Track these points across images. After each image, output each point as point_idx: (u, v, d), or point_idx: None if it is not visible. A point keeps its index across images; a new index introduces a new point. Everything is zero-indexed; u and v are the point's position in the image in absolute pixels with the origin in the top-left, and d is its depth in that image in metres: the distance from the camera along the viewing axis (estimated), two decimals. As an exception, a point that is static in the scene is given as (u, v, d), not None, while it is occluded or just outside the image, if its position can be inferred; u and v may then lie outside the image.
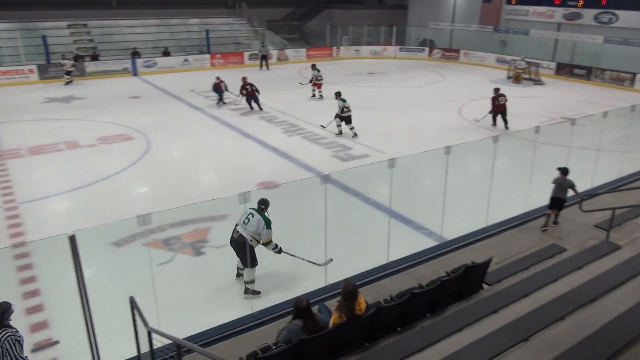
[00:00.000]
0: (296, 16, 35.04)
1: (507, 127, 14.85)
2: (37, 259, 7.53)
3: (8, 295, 6.62)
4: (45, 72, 22.05)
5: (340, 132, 14.18)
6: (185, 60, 25.57)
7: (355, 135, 14.04)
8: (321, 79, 19.07)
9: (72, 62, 21.76)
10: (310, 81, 19.14)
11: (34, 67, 21.98)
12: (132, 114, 16.56)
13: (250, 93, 17.14)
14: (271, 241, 6.53)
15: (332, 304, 5.05)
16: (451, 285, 5.49)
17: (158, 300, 5.45)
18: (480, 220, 8.39)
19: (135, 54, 25.05)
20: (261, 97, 17.20)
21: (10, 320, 4.38)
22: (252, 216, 6.41)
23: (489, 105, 15.10)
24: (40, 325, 6.16)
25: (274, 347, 4.58)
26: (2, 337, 4.19)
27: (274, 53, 27.84)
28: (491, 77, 24.01)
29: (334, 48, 30.65)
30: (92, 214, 9.25)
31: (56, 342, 5.74)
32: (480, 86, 21.44)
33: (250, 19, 31.33)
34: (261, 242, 6.47)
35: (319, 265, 6.77)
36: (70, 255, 4.61)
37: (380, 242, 7.32)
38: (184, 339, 4.60)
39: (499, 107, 14.92)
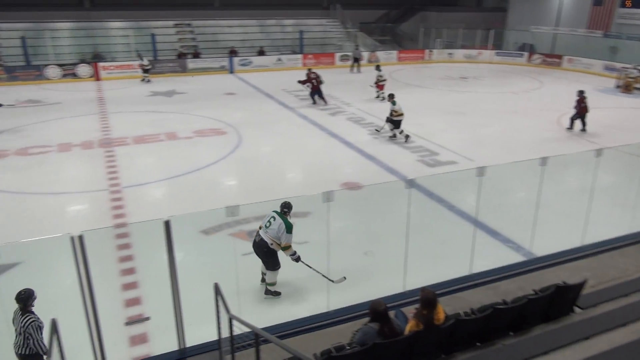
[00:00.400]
0: (390, 18, 34.81)
1: (584, 130, 14.53)
2: (135, 239, 8.14)
3: (107, 271, 7.25)
4: (153, 67, 23.78)
5: (394, 136, 13.93)
6: (279, 59, 26.37)
7: (407, 137, 13.72)
8: (383, 80, 19.07)
9: (148, 60, 22.99)
10: (377, 83, 19.10)
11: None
12: (227, 109, 17.37)
13: (315, 87, 17.53)
14: (290, 246, 6.40)
15: (410, 310, 4.96)
16: (539, 305, 5.17)
17: (240, 288, 5.67)
18: (575, 239, 7.81)
19: (232, 53, 26.24)
20: (349, 98, 17.30)
21: (33, 306, 4.56)
22: (274, 219, 6.28)
23: (594, 115, 14.07)
24: (134, 301, 6.66)
25: (348, 347, 4.59)
26: (26, 322, 4.40)
27: (364, 55, 27.88)
28: (597, 85, 22.26)
29: (426, 51, 30.07)
30: (185, 201, 9.84)
31: (147, 319, 6.17)
32: (584, 95, 19.98)
33: (344, 21, 31.60)
34: (280, 246, 6.36)
35: (332, 282, 6.58)
36: (165, 238, 4.93)
37: (463, 252, 7.07)
38: (261, 329, 4.75)
39: (582, 110, 14.48)
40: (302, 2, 31.85)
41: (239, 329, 4.52)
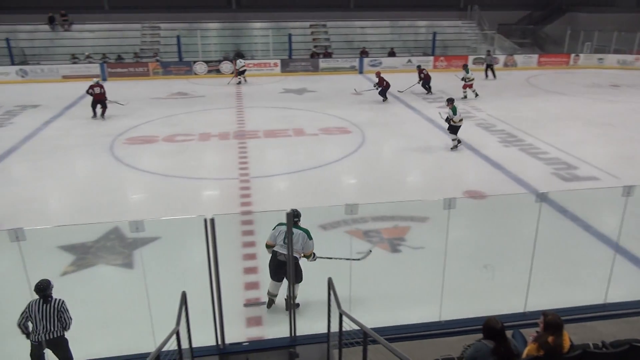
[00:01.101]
0: (532, 19, 32.53)
1: None
2: (259, 227, 8.65)
3: (231, 255, 7.79)
4: (287, 66, 24.98)
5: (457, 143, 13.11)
6: (409, 61, 26.06)
7: (454, 147, 12.99)
8: (471, 80, 18.64)
9: (244, 62, 23.46)
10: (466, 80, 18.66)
11: (278, 62, 25.12)
12: (353, 109, 17.63)
13: (385, 86, 18.57)
14: (313, 253, 6.24)
15: (530, 333, 4.62)
16: (688, 349, 4.49)
17: (352, 286, 5.74)
18: None
19: (363, 53, 26.54)
20: (482, 104, 16.61)
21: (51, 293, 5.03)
22: (293, 234, 5.74)
23: None
24: (253, 285, 7.08)
25: (457, 361, 4.42)
26: (58, 305, 4.97)
27: (501, 58, 26.40)
28: None
29: (572, 56, 27.57)
30: (307, 195, 10.21)
31: (263, 303, 6.52)
32: None
33: (481, 22, 30.24)
34: (303, 254, 6.16)
35: (358, 259, 6.32)
36: (286, 229, 5.15)
37: (597, 278, 6.39)
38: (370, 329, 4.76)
39: None
40: (437, 3, 31.11)
41: (348, 326, 4.58)
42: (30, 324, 4.97)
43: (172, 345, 4.45)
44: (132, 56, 24.95)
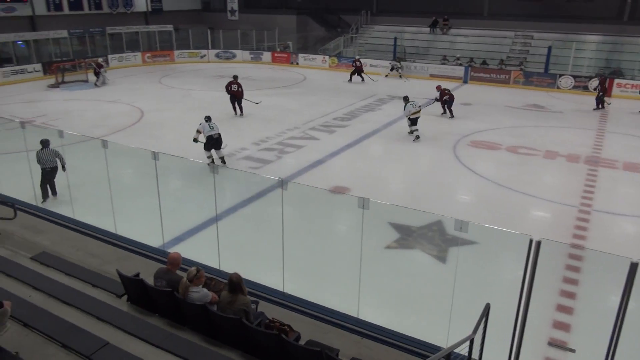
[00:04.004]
0: None
1: None
2: (587, 266, 7.64)
3: (548, 285, 7.14)
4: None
5: None
6: None
7: None
8: None
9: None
10: None
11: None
12: None
13: (449, 98, 17.00)
14: None
15: None
16: None
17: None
18: None
19: None
20: None
21: None
22: None
23: None
24: (562, 326, 6.36)
25: None
26: (56, 151, 7.93)
27: None
28: None
29: None
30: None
31: (572, 350, 5.80)
32: None
33: None
34: None
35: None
36: (624, 281, 4.39)
37: None
38: None
39: None
40: None
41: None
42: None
43: (462, 349, 4.47)
44: (496, 63, 25.23)
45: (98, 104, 18.82)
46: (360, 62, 24.51)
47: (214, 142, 11.61)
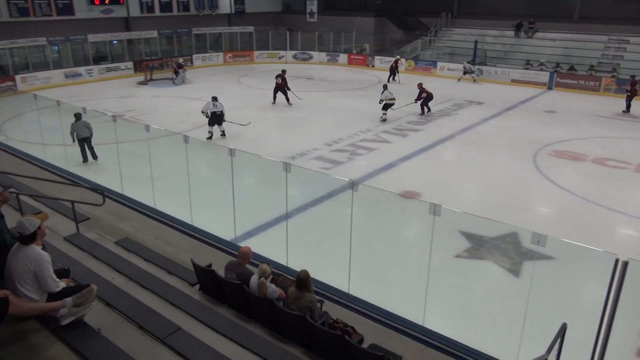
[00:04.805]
0: None
1: None
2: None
3: (635, 311, 6.59)
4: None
5: None
6: None
7: None
8: None
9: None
10: None
11: None
12: None
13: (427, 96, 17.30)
14: None
15: None
16: None
17: None
18: None
19: None
20: None
21: None
22: None
23: None
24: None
25: None
26: (88, 123, 8.01)
27: None
28: None
29: None
30: None
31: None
32: None
33: None
34: None
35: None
36: None
37: None
38: None
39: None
40: None
41: None
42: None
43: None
44: (586, 69, 23.70)
45: (182, 101, 19.82)
46: (397, 64, 24.71)
47: (216, 118, 14.08)
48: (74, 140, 11.82)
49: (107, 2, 26.26)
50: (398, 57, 26.07)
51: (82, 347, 3.89)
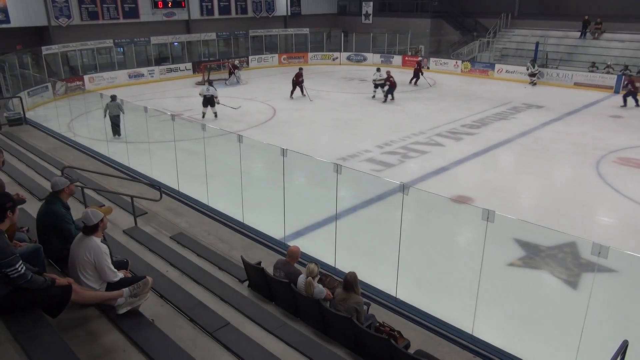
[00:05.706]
0: None
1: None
2: None
3: None
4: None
5: None
6: None
7: None
8: None
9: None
10: None
11: None
12: None
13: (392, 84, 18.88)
14: None
15: None
16: None
17: None
18: None
19: None
20: None
21: None
22: None
23: None
24: None
25: None
26: (120, 104, 10.15)
27: None
28: None
29: None
30: None
31: None
32: None
33: None
34: None
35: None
36: None
37: None
38: None
39: None
40: None
41: None
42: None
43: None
44: (657, 71, 22.28)
45: (237, 101, 20.28)
46: (421, 64, 24.17)
47: (207, 100, 16.81)
48: (105, 116, 13.86)
49: (170, 5, 27.29)
50: (421, 58, 25.50)
51: (137, 336, 4.06)
